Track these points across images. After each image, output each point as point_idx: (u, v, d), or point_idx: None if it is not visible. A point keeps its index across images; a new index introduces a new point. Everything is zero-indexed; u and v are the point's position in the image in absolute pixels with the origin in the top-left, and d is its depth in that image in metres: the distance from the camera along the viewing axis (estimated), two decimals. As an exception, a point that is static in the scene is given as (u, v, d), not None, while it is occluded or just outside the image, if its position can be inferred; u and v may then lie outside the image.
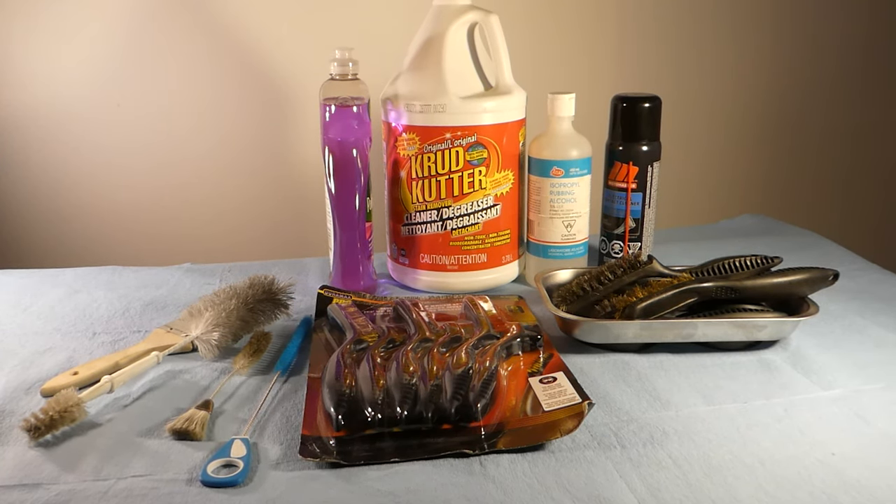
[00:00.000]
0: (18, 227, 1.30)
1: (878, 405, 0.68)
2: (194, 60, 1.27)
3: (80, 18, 1.21)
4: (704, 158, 1.50)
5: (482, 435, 0.63)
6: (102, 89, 1.25)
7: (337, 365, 0.70)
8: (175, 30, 1.25)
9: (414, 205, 0.93)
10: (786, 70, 1.48)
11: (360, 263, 0.94)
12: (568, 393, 0.68)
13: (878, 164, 1.59)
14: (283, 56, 1.28)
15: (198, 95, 1.28)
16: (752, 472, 0.59)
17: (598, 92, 1.15)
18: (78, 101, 1.25)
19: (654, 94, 0.95)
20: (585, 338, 0.79)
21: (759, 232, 1.18)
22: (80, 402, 0.65)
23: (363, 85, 0.90)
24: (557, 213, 0.94)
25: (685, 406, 0.69)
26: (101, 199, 1.31)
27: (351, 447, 0.62)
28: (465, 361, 0.70)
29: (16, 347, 0.81)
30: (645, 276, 0.83)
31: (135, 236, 1.34)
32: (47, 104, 1.25)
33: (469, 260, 0.94)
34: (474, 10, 0.90)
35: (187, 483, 0.58)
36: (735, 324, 0.77)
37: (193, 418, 0.64)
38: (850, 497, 0.56)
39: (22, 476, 0.59)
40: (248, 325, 0.81)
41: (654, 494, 0.56)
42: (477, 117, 0.89)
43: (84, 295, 0.95)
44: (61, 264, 1.12)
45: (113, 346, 0.81)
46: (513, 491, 0.57)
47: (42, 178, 1.28)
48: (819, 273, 0.79)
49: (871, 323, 0.85)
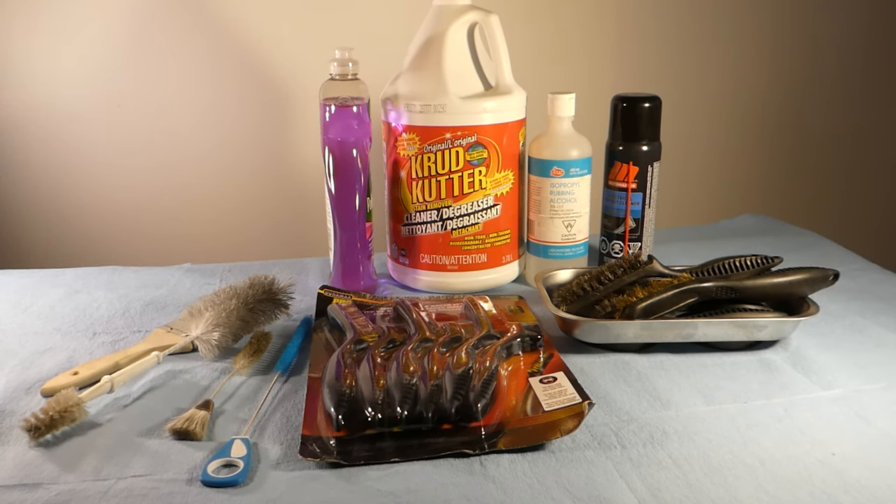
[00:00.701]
0: (19, 227, 1.30)
1: (879, 405, 0.68)
2: (194, 60, 1.27)
3: (80, 18, 1.21)
4: (704, 158, 1.50)
5: (482, 435, 0.63)
6: (103, 89, 1.25)
7: (337, 365, 0.70)
8: (175, 30, 1.25)
9: (414, 205, 0.93)
10: (786, 70, 1.48)
11: (361, 263, 0.94)
12: (568, 393, 0.68)
13: (878, 163, 1.59)
14: (283, 56, 1.28)
15: (198, 95, 1.28)
16: (753, 471, 0.59)
17: (599, 92, 1.15)
18: (78, 101, 1.25)
19: (654, 94, 0.95)
20: (586, 338, 0.79)
21: (759, 232, 1.18)
22: (80, 402, 0.65)
23: (363, 85, 0.90)
24: (557, 213, 0.94)
25: (685, 406, 0.69)
26: (101, 199, 1.31)
27: (351, 447, 0.62)
28: (466, 361, 0.70)
29: (16, 347, 0.81)
30: (645, 276, 0.83)
31: (135, 236, 1.34)
32: (47, 104, 1.25)
33: (469, 260, 0.94)
34: (474, 10, 0.90)
35: (187, 483, 0.58)
36: (735, 324, 0.77)
37: (194, 418, 0.64)
38: (850, 497, 0.56)
39: (22, 476, 0.59)
40: (248, 325, 0.81)
41: (654, 494, 0.56)
42: (477, 117, 0.89)
43: (84, 295, 0.95)
44: (61, 264, 1.12)
45: (113, 346, 0.81)
46: (513, 491, 0.57)
47: (42, 178, 1.28)
48: (819, 273, 0.79)
49: (871, 323, 0.85)
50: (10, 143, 1.26)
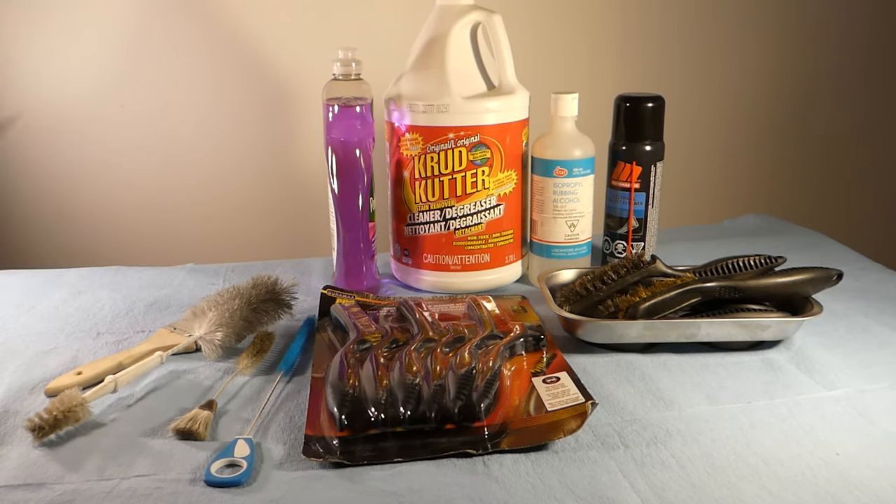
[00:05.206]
0: (22, 228, 1.30)
1: (882, 405, 0.68)
2: (198, 61, 1.27)
3: (83, 19, 1.22)
4: (708, 158, 1.50)
5: (485, 435, 0.63)
6: (106, 90, 1.26)
7: (340, 365, 0.70)
8: (178, 31, 1.25)
9: (417, 205, 0.93)
10: (789, 69, 1.48)
11: (364, 263, 0.94)
12: (571, 393, 0.67)
13: (882, 163, 1.59)
14: (286, 56, 1.29)
15: (201, 96, 1.29)
16: (756, 471, 0.59)
17: (602, 92, 1.15)
18: (82, 102, 1.25)
19: (657, 94, 0.95)
20: (589, 338, 0.79)
21: (762, 232, 1.18)
22: (83, 402, 0.65)
23: (366, 85, 0.90)
24: (561, 213, 0.94)
25: (689, 406, 0.68)
26: (104, 200, 1.31)
27: (354, 447, 0.62)
28: (469, 361, 0.70)
29: (20, 347, 0.81)
30: (648, 276, 0.83)
31: (138, 236, 1.34)
32: (51, 105, 1.25)
33: (472, 260, 0.94)
34: (477, 10, 0.90)
35: (191, 483, 0.58)
36: (739, 324, 0.77)
37: (197, 418, 0.65)
38: (853, 497, 0.56)
39: (26, 476, 0.59)
40: (251, 326, 0.81)
41: (657, 494, 0.56)
42: (480, 117, 0.89)
43: (88, 295, 0.95)
44: (65, 265, 1.12)
45: (117, 347, 0.81)
46: (516, 491, 0.57)
47: (46, 179, 1.28)
48: (823, 273, 0.79)
49: (875, 322, 0.85)
50: (14, 143, 1.26)
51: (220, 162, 1.32)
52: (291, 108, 1.31)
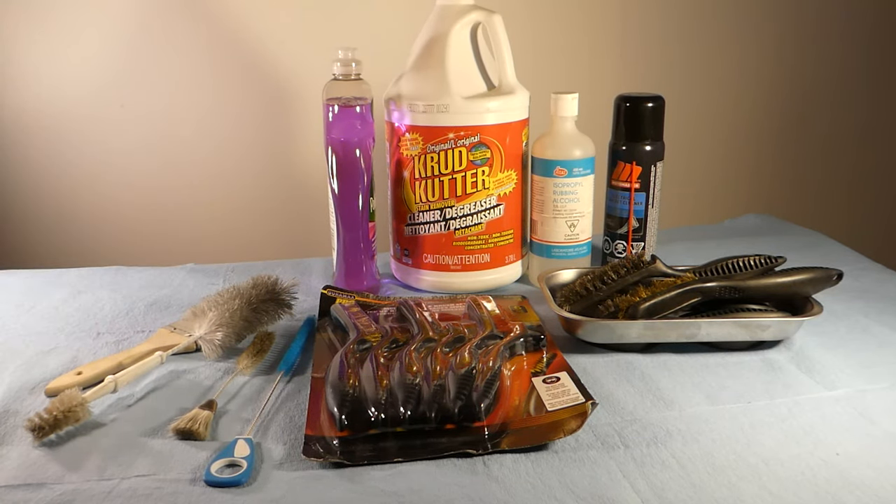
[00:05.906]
0: (22, 228, 1.30)
1: (883, 405, 0.68)
2: (198, 60, 1.27)
3: (83, 19, 1.22)
4: (708, 158, 1.50)
5: (485, 435, 0.63)
6: (106, 90, 1.25)
7: (340, 365, 0.70)
8: (178, 30, 1.25)
9: (417, 205, 0.93)
10: (790, 69, 1.48)
11: (364, 263, 0.94)
12: (571, 393, 0.67)
13: (882, 163, 1.59)
14: (286, 56, 1.28)
15: (201, 95, 1.29)
16: (756, 471, 0.59)
17: (602, 92, 1.15)
18: (82, 102, 1.25)
19: (657, 94, 0.95)
20: (589, 338, 0.79)
21: (762, 232, 1.18)
22: (83, 402, 0.65)
23: (366, 85, 0.90)
24: (561, 213, 0.94)
25: (689, 406, 0.68)
26: (104, 200, 1.31)
27: (354, 447, 0.62)
28: (469, 361, 0.70)
29: (20, 347, 0.81)
30: (648, 276, 0.83)
31: (138, 236, 1.34)
32: (51, 104, 1.25)
33: (472, 260, 0.94)
34: (477, 9, 0.90)
35: (191, 483, 0.58)
36: (739, 324, 0.77)
37: (197, 418, 0.65)
38: (854, 497, 0.56)
39: (26, 476, 0.59)
40: (251, 326, 0.81)
41: (657, 494, 0.56)
42: (480, 117, 0.89)
43: (88, 295, 0.95)
44: (65, 265, 1.12)
45: (117, 346, 0.81)
46: (516, 491, 0.57)
47: (46, 179, 1.28)
48: (823, 273, 0.79)
49: (875, 322, 0.85)
50: (14, 143, 1.26)
51: (220, 162, 1.32)
52: (291, 108, 1.31)
